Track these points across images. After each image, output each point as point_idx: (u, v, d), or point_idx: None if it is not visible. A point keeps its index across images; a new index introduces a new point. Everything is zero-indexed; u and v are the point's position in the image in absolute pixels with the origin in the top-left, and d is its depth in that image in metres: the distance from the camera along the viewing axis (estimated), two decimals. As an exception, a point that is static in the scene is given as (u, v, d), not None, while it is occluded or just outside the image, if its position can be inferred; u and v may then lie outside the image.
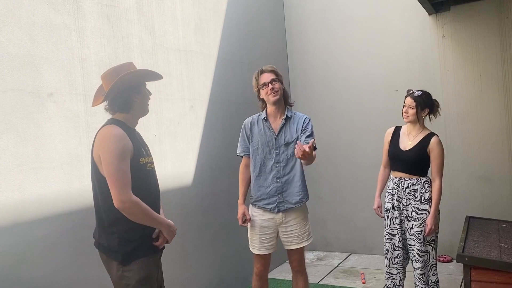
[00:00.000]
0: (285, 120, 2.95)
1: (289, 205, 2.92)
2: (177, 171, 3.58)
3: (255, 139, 3.00)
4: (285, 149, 2.92)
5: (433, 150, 3.15)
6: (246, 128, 3.05)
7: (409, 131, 3.28)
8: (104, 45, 2.98)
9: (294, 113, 3.02)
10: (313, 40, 5.39)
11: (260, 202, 2.97)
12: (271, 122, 2.99)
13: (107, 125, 2.13)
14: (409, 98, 3.21)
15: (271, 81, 2.90)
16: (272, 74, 2.93)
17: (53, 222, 2.56)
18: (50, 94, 2.61)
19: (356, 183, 5.19)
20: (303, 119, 2.97)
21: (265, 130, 2.97)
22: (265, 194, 2.95)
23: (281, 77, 2.97)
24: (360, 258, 5.08)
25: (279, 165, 2.93)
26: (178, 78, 3.64)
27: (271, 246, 2.99)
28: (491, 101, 4.53)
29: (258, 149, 2.98)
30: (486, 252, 2.83)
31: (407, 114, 3.20)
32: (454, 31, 4.65)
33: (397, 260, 3.23)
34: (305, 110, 5.42)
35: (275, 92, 2.89)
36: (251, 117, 3.09)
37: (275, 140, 2.94)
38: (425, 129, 3.26)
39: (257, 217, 2.98)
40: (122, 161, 2.01)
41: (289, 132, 2.94)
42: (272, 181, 2.93)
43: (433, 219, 3.06)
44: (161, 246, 2.23)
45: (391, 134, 3.37)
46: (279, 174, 2.92)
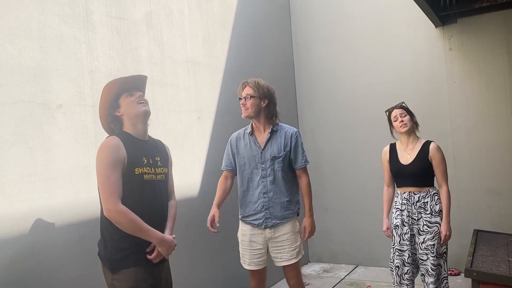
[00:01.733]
0: (270, 134, 2.91)
1: (276, 220, 2.88)
2: (183, 182, 3.59)
3: (241, 154, 2.96)
4: (272, 163, 2.87)
5: (434, 156, 3.15)
6: (232, 143, 3.03)
7: (406, 145, 3.28)
8: (113, 57, 3.01)
9: (281, 126, 2.98)
10: (319, 52, 5.41)
11: (248, 218, 2.95)
12: (257, 136, 2.95)
13: (108, 137, 2.20)
14: (396, 109, 3.28)
15: (245, 96, 2.86)
16: (250, 89, 2.87)
17: (61, 233, 2.58)
18: (60, 105, 2.63)
19: (362, 195, 5.16)
20: (290, 134, 2.93)
21: (251, 144, 2.93)
22: (252, 210, 2.92)
23: (262, 94, 2.86)
24: (367, 270, 5.04)
25: (266, 179, 2.88)
26: (186, 90, 3.67)
27: (261, 262, 2.95)
28: (498, 113, 4.51)
29: (245, 164, 2.94)
30: (494, 267, 2.80)
31: (404, 122, 3.21)
32: (461, 43, 4.65)
33: (407, 276, 3.19)
34: (312, 122, 5.44)
35: (245, 109, 2.86)
36: (237, 131, 3.07)
37: (261, 155, 2.89)
38: (419, 138, 3.27)
39: (247, 232, 2.96)
40: (111, 170, 2.05)
41: (276, 146, 2.89)
42: (259, 196, 2.89)
43: (447, 225, 3.04)
44: (156, 260, 2.20)
45: (388, 152, 3.37)
46: (265, 189, 2.88)
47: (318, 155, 5.43)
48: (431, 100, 4.70)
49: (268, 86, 2.93)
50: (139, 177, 2.16)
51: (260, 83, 2.89)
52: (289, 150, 2.90)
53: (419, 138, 3.27)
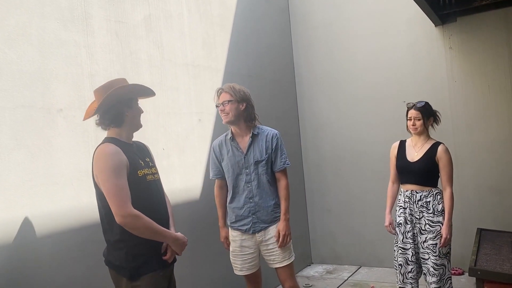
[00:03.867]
0: (252, 138, 2.90)
1: (264, 224, 2.87)
2: (185, 184, 3.59)
3: (225, 161, 2.95)
4: (255, 167, 2.87)
5: (441, 158, 3.14)
6: (215, 151, 3.02)
7: (415, 143, 3.27)
8: (113, 61, 3.02)
9: (261, 128, 2.96)
10: (319, 53, 5.40)
11: (236, 224, 2.95)
12: (239, 142, 2.93)
13: (100, 145, 2.16)
14: (413, 110, 3.21)
15: (223, 102, 2.83)
16: (226, 94, 2.84)
17: (62, 237, 2.57)
18: (60, 109, 2.63)
19: (364, 195, 5.15)
20: (271, 136, 2.91)
21: (233, 150, 2.92)
22: (239, 215, 2.91)
23: (239, 98, 2.84)
24: (370, 271, 5.03)
25: (251, 184, 2.88)
26: (186, 92, 3.67)
27: (253, 266, 2.96)
28: (499, 111, 4.50)
29: (229, 171, 2.93)
30: (498, 266, 2.79)
31: (415, 126, 3.19)
32: (461, 42, 4.64)
33: (410, 274, 3.18)
34: (313, 122, 5.44)
35: (225, 115, 2.84)
36: (218, 138, 3.06)
37: (244, 160, 2.89)
38: (430, 139, 3.26)
39: (237, 238, 2.96)
40: (118, 176, 2.03)
41: (258, 150, 2.89)
42: (245, 201, 2.89)
43: (448, 228, 3.03)
44: (171, 259, 2.22)
45: (397, 148, 3.36)
46: (251, 194, 2.88)
47: (319, 156, 5.42)
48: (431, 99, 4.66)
49: (243, 90, 2.91)
50: (143, 179, 2.17)
51: (235, 87, 2.88)
52: (270, 153, 2.89)
53: (429, 138, 3.26)
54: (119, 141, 2.17)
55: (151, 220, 2.08)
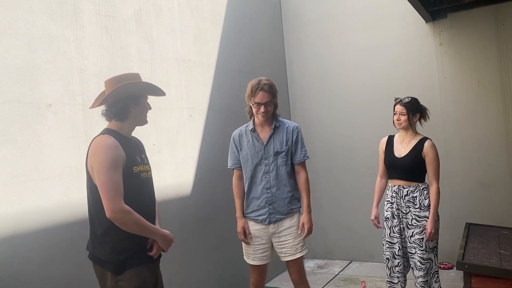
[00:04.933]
0: (273, 129, 2.93)
1: (280, 215, 2.89)
2: (176, 180, 3.58)
3: (244, 151, 2.98)
4: (275, 158, 2.90)
5: (428, 154, 3.17)
6: (235, 140, 3.04)
7: (402, 138, 3.31)
8: (102, 56, 3.00)
9: (282, 121, 2.99)
10: (311, 49, 5.41)
11: (252, 214, 2.96)
12: (259, 132, 2.96)
13: (100, 135, 2.14)
14: (399, 105, 3.25)
15: (265, 103, 2.83)
16: (268, 95, 2.83)
17: (51, 233, 2.56)
18: (49, 104, 2.62)
19: (355, 191, 5.18)
20: (292, 129, 2.95)
21: (254, 141, 2.95)
22: (256, 205, 2.93)
23: (276, 96, 2.89)
24: (361, 265, 5.06)
25: (269, 175, 2.90)
26: (177, 88, 3.66)
27: (265, 257, 2.97)
28: (489, 107, 4.54)
29: (248, 161, 2.96)
30: (486, 260, 2.82)
31: (399, 121, 3.24)
32: (452, 38, 4.67)
33: (397, 268, 3.21)
34: (304, 119, 5.44)
35: (265, 114, 2.86)
36: (238, 128, 3.07)
37: (264, 150, 2.92)
38: (417, 134, 3.29)
39: (250, 228, 2.98)
40: (113, 170, 2.02)
41: (278, 141, 2.91)
42: (262, 192, 2.91)
43: (433, 223, 3.06)
44: (156, 255, 2.21)
45: (385, 143, 3.40)
46: (269, 184, 2.90)
47: (311, 152, 5.39)
48: (422, 95, 4.69)
49: (274, 85, 2.93)
50: (137, 176, 2.16)
51: (273, 87, 2.87)
52: (290, 145, 2.93)
53: (417, 134, 3.28)
54: (119, 135, 2.16)
55: (140, 216, 2.08)
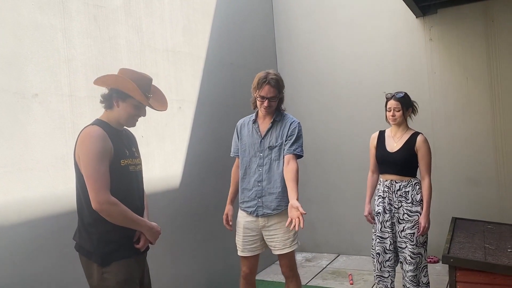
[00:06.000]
0: (272, 123, 2.92)
1: (268, 210, 2.87)
2: (164, 172, 3.56)
3: (243, 141, 3.00)
4: (269, 152, 2.90)
5: (420, 148, 3.18)
6: (237, 129, 3.08)
7: (394, 133, 3.30)
8: (90, 46, 2.96)
9: (284, 115, 2.97)
10: (302, 42, 5.40)
11: (243, 205, 2.97)
12: (260, 124, 2.98)
13: (89, 126, 2.13)
14: (393, 100, 3.22)
15: (270, 98, 2.82)
16: (274, 90, 2.81)
17: (38, 225, 2.53)
18: (35, 94, 2.58)
19: (344, 186, 5.21)
20: (290, 123, 2.91)
21: (253, 132, 2.97)
22: (247, 197, 2.94)
23: (282, 89, 2.90)
24: (348, 259, 5.10)
25: (262, 168, 2.90)
26: (166, 79, 3.62)
27: (254, 249, 2.97)
28: (477, 103, 4.58)
29: (245, 151, 2.97)
30: (471, 253, 2.86)
31: (395, 117, 3.21)
32: (441, 33, 4.69)
33: (388, 263, 3.22)
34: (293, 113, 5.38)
35: (268, 108, 2.86)
36: (243, 118, 3.10)
37: (260, 143, 2.92)
38: (409, 129, 3.29)
39: (241, 218, 2.99)
40: (100, 162, 2.01)
41: (275, 135, 2.91)
42: (254, 184, 2.91)
43: (426, 217, 3.09)
44: (143, 248, 2.21)
45: (376, 138, 3.38)
46: (260, 177, 2.90)
47: (300, 145, 5.44)
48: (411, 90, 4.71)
49: (282, 79, 2.93)
50: (125, 169, 2.14)
51: (279, 80, 2.86)
52: (285, 139, 2.89)
53: (408, 129, 3.29)
54: (108, 126, 2.14)
55: (127, 208, 2.07)
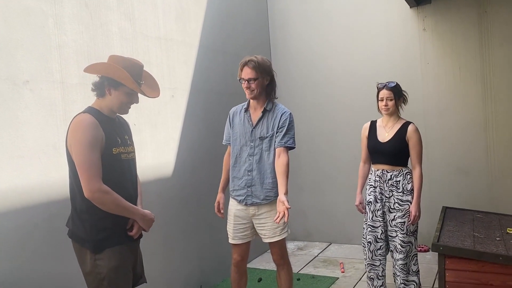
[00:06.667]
0: (262, 113, 2.91)
1: (257, 200, 2.88)
2: (157, 161, 3.56)
3: (235, 129, 3.00)
4: (260, 142, 2.89)
5: (411, 138, 3.20)
6: (230, 118, 3.07)
7: (385, 123, 3.32)
8: (82, 32, 2.92)
9: (276, 105, 2.95)
10: (295, 32, 5.38)
11: (233, 193, 2.98)
12: (251, 114, 2.96)
13: (80, 114, 2.12)
14: (385, 90, 3.22)
15: (248, 79, 2.81)
16: (252, 71, 2.80)
17: (29, 212, 2.52)
18: (26, 81, 2.55)
19: (336, 175, 5.23)
20: (281, 114, 2.88)
21: (245, 121, 2.96)
22: (237, 185, 2.95)
23: (264, 73, 2.84)
24: (340, 248, 5.15)
25: (252, 158, 2.89)
26: (159, 67, 3.60)
27: (245, 236, 2.98)
28: (469, 94, 4.61)
29: (236, 140, 2.97)
30: (460, 242, 2.90)
31: (387, 107, 3.22)
32: (435, 24, 4.70)
33: (380, 251, 3.26)
34: (287, 103, 5.40)
35: (250, 91, 2.84)
36: (236, 106, 3.09)
37: (251, 133, 2.91)
38: (400, 118, 3.30)
39: (232, 207, 3.00)
40: (91, 150, 2.00)
41: (266, 126, 2.89)
42: (244, 173, 2.91)
43: (417, 206, 3.12)
44: (136, 235, 2.22)
45: (368, 128, 3.39)
46: (251, 167, 2.89)
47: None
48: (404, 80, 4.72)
49: (267, 62, 2.88)
50: (117, 157, 2.14)
51: (259, 62, 2.83)
52: (276, 130, 2.87)
53: (400, 118, 3.30)
54: (100, 114, 2.13)
55: (119, 196, 2.08)
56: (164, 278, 3.55)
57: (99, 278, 2.08)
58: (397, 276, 3.21)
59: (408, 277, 3.18)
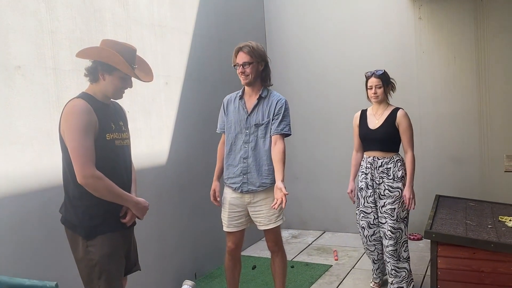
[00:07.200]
0: (258, 100, 2.90)
1: (252, 187, 2.88)
2: (151, 149, 3.55)
3: (229, 117, 2.98)
4: (255, 130, 2.88)
5: (401, 123, 3.23)
6: (224, 106, 3.05)
7: (375, 111, 3.37)
8: (75, 18, 2.89)
9: (271, 93, 2.95)
10: (291, 19, 5.35)
11: (228, 181, 2.98)
12: (246, 101, 2.95)
13: (73, 99, 2.09)
14: (374, 78, 3.28)
15: (243, 64, 2.81)
16: (247, 56, 2.81)
17: (21, 199, 2.51)
18: (18, 67, 2.52)
19: (331, 163, 5.25)
20: (276, 102, 2.88)
21: (239, 108, 2.95)
22: (232, 173, 2.94)
23: (259, 58, 2.84)
24: (334, 236, 5.18)
25: (248, 145, 2.89)
26: (153, 54, 3.57)
27: (239, 224, 2.99)
28: (464, 83, 4.61)
29: (231, 127, 2.96)
30: (452, 229, 2.92)
31: (377, 94, 3.28)
32: (431, 12, 4.68)
33: (373, 237, 3.34)
34: (282, 89, 5.40)
35: (245, 76, 2.83)
36: (230, 94, 3.07)
37: (246, 120, 2.91)
38: (389, 105, 3.36)
39: (227, 195, 3.00)
40: (84, 136, 1.99)
41: (261, 113, 2.89)
42: (240, 160, 2.91)
43: (410, 189, 3.16)
44: (130, 223, 2.21)
45: (359, 117, 3.47)
46: (246, 154, 2.89)
47: (288, 123, 5.44)
48: (400, 69, 4.75)
49: (261, 48, 2.88)
50: (111, 143, 2.13)
51: (254, 47, 2.83)
52: (271, 118, 2.87)
53: (389, 105, 3.35)
54: (93, 99, 2.11)
55: (112, 183, 2.07)
56: (158, 266, 3.56)
57: (91, 264, 2.08)
58: (387, 263, 3.26)
59: (398, 263, 3.23)
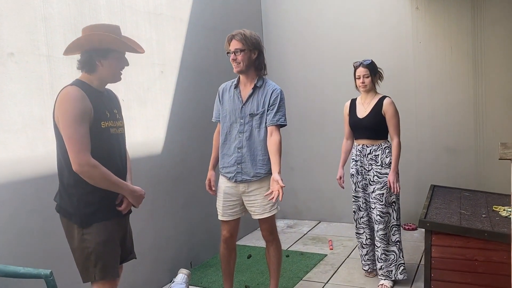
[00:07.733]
0: (253, 89, 2.88)
1: (247, 176, 2.87)
2: (146, 138, 3.53)
3: (224, 106, 2.96)
4: (250, 119, 2.86)
5: (387, 111, 3.31)
6: (219, 94, 3.03)
7: (364, 100, 3.45)
8: (69, 4, 2.86)
9: (266, 82, 2.92)
10: (287, 9, 5.31)
11: (223, 170, 2.98)
12: (241, 90, 2.93)
13: (67, 86, 2.07)
14: (361, 68, 3.35)
15: (235, 51, 2.78)
16: (239, 43, 2.78)
17: (15, 187, 2.50)
18: (11, 53, 2.49)
19: (326, 154, 5.25)
20: (272, 91, 2.86)
21: (234, 98, 2.92)
22: (227, 162, 2.94)
23: (251, 46, 2.80)
24: (329, 226, 5.20)
25: (242, 135, 2.88)
26: (148, 42, 3.54)
27: (234, 213, 2.99)
28: (460, 74, 4.61)
29: (226, 117, 2.94)
30: (446, 218, 2.93)
31: (365, 84, 3.35)
32: (428, 2, 4.66)
33: (362, 220, 3.49)
34: (278, 80, 5.39)
35: (237, 64, 2.81)
36: (225, 83, 3.05)
37: (241, 109, 2.88)
38: (377, 94, 3.43)
39: (222, 184, 3.00)
40: (79, 123, 1.98)
41: (256, 102, 2.86)
42: (234, 150, 2.90)
43: (394, 174, 3.26)
44: (125, 211, 2.21)
45: (349, 106, 3.56)
46: (241, 144, 2.88)
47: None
48: (396, 59, 4.74)
49: (255, 36, 2.84)
50: (105, 131, 2.11)
51: (247, 35, 2.80)
52: (267, 108, 2.85)
53: (377, 94, 3.43)
54: (88, 87, 2.09)
55: (108, 171, 2.06)
56: (154, 255, 3.56)
57: (87, 252, 2.08)
58: (377, 247, 3.37)
59: (388, 247, 3.35)
